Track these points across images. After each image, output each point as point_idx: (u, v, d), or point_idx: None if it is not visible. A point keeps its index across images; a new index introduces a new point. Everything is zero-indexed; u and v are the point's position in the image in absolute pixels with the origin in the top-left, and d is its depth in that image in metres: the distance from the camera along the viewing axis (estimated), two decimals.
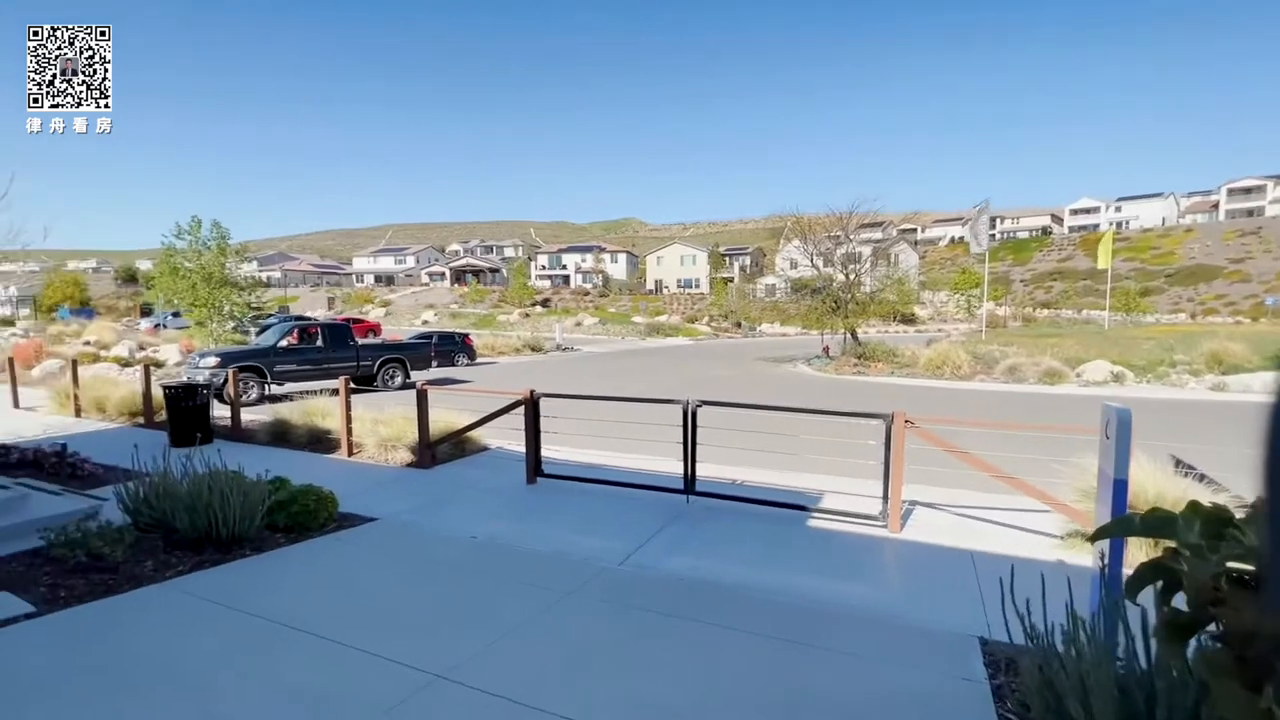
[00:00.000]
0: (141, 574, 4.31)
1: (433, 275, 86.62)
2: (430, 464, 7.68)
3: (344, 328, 15.94)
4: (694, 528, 5.57)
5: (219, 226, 26.43)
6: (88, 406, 11.45)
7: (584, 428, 7.64)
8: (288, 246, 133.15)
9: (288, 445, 8.91)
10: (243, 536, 4.88)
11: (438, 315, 58.69)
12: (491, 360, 26.94)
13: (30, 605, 3.76)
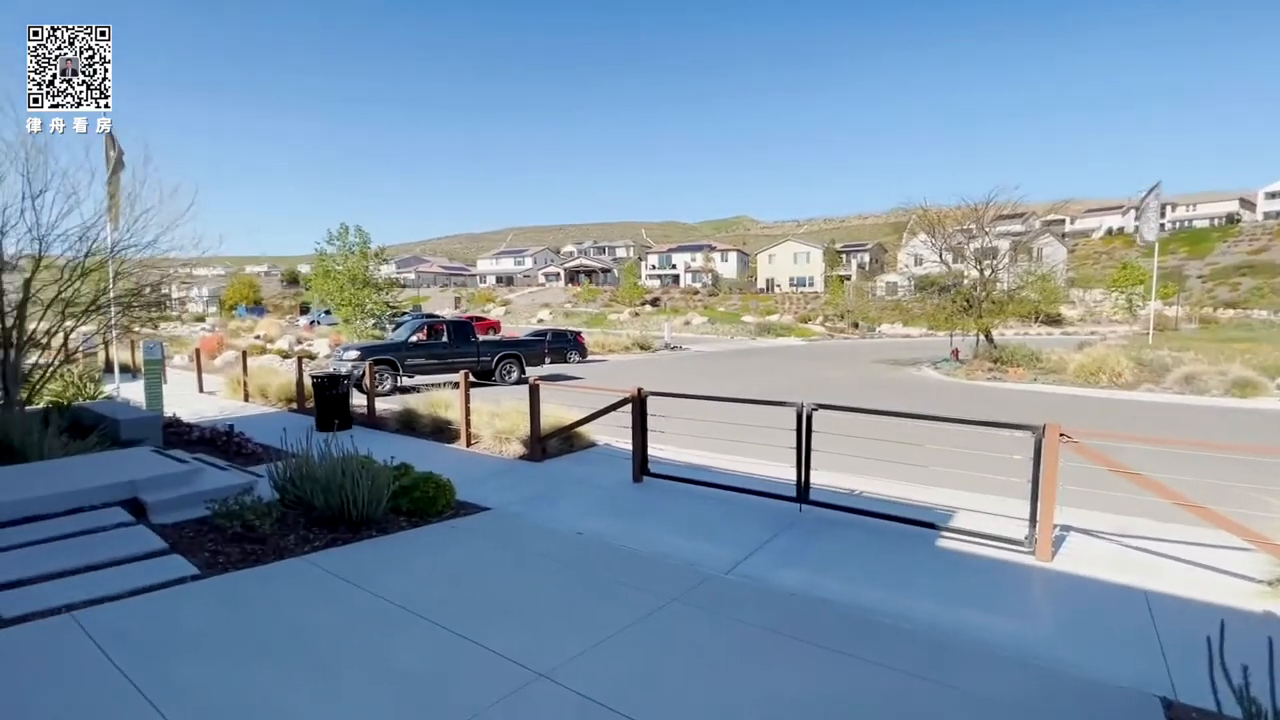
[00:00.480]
0: (285, 546, 4.71)
1: (548, 276, 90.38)
2: (540, 457, 7.87)
3: (466, 325, 16.92)
4: (807, 539, 5.22)
5: (362, 232, 29.08)
6: (254, 392, 12.99)
7: (691, 428, 7.47)
8: (421, 250, 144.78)
9: (414, 433, 9.53)
10: (370, 518, 5.20)
11: (552, 314, 61.12)
12: (602, 358, 27.52)
13: (195, 568, 4.21)
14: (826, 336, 46.61)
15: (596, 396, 7.62)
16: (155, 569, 4.17)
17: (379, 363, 14.74)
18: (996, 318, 22.98)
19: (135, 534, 4.73)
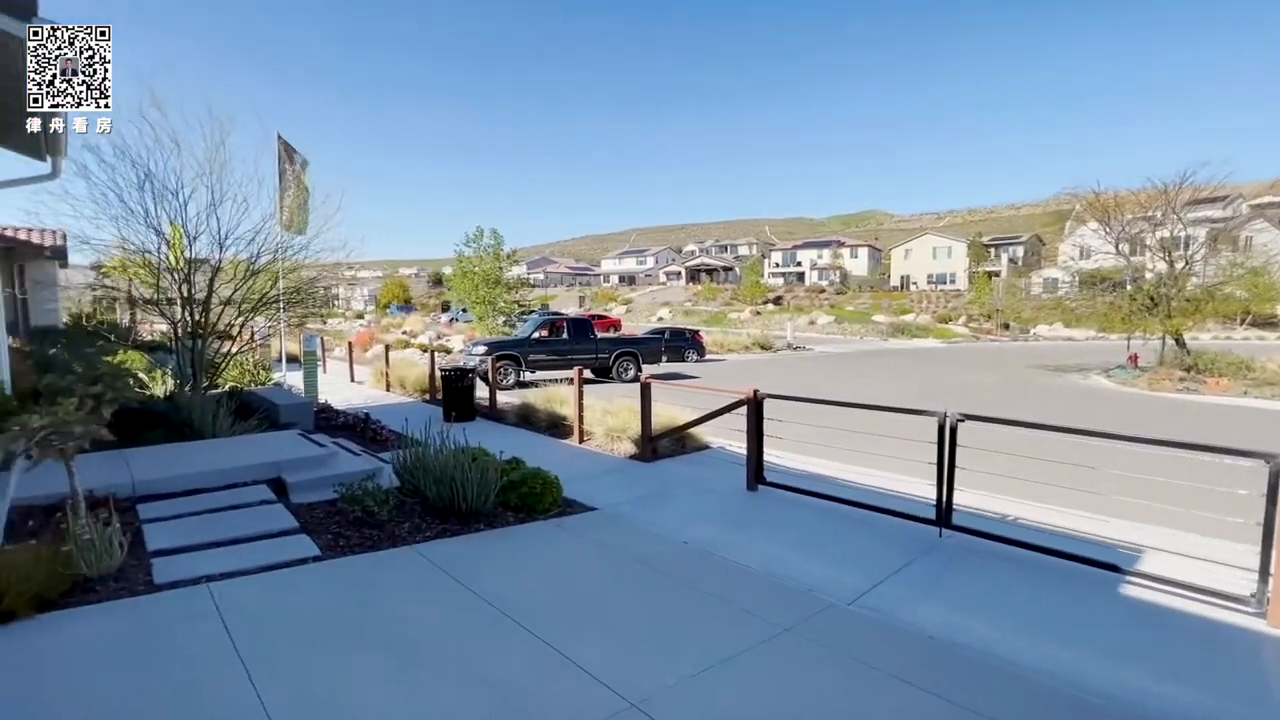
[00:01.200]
0: (399, 534, 4.83)
1: (669, 275, 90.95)
2: (651, 458, 7.64)
3: (586, 323, 17.23)
4: (949, 571, 4.49)
5: (496, 234, 30.83)
6: (394, 383, 14.04)
7: (812, 435, 6.87)
8: (550, 251, 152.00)
9: (530, 427, 9.71)
10: (478, 511, 5.23)
11: (672, 312, 61.34)
12: (720, 357, 26.97)
13: (317, 549, 4.41)
14: (970, 338, 42.50)
15: (711, 397, 7.24)
16: (284, 547, 4.42)
17: (503, 358, 15.40)
18: (1190, 318, 19.47)
19: (274, 512, 5.09)
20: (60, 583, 3.45)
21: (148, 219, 8.72)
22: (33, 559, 3.37)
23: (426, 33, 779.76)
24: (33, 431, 4.06)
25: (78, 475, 4.33)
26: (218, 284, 9.43)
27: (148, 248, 8.83)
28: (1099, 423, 8.85)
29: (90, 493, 4.99)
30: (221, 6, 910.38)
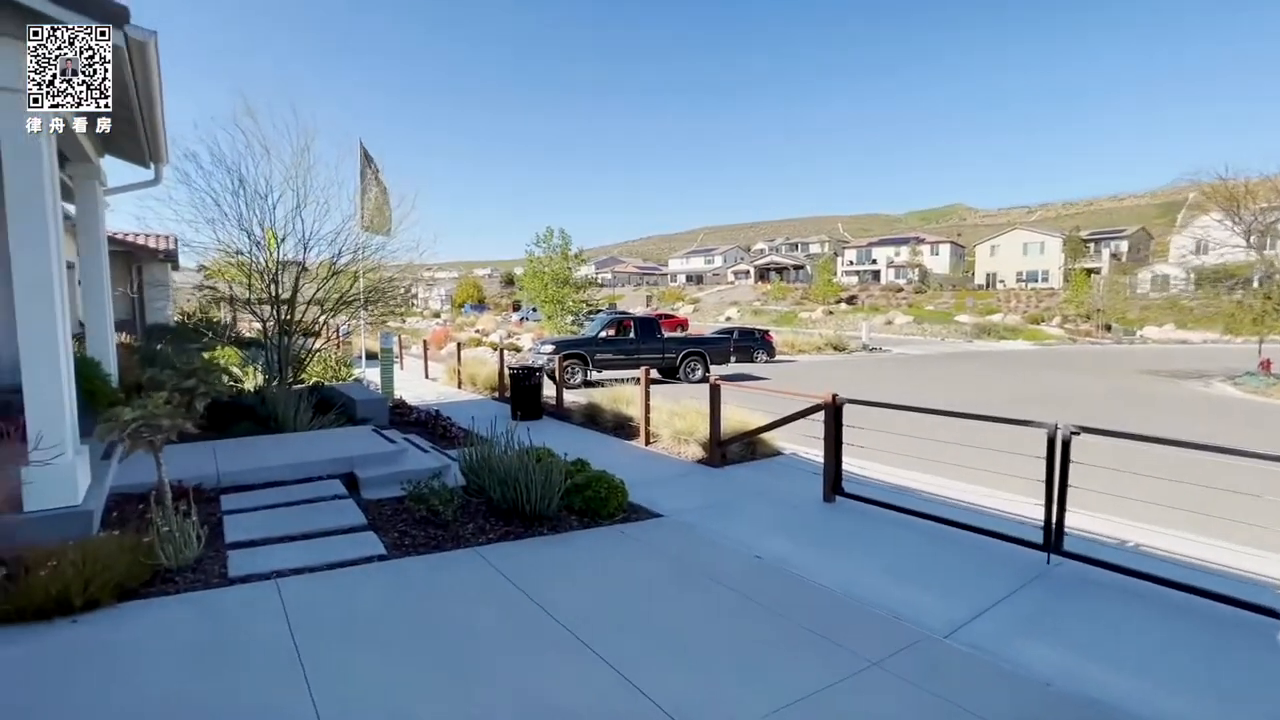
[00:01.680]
0: (462, 534, 4.76)
1: (737, 274, 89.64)
2: (720, 463, 7.32)
3: (653, 322, 17.03)
4: (1062, 604, 3.96)
5: (565, 235, 31.21)
6: (465, 380, 14.34)
7: (896, 444, 6.36)
8: (618, 251, 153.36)
9: (596, 427, 9.58)
10: (541, 514, 5.09)
11: (740, 312, 60.34)
12: (790, 358, 26.16)
13: (383, 548, 4.38)
14: (1066, 340, 39.42)
15: (783, 401, 6.86)
16: (352, 545, 4.42)
17: (571, 357, 15.42)
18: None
19: (345, 508, 5.14)
20: (142, 572, 3.54)
21: (240, 222, 9.20)
22: (117, 548, 3.48)
23: (505, 32, 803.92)
24: (124, 424, 4.23)
25: (165, 466, 4.49)
26: (302, 284, 9.83)
27: (240, 249, 9.31)
28: (1231, 438, 7.81)
29: (179, 483, 5.21)
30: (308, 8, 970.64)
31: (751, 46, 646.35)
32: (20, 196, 3.79)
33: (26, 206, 3.81)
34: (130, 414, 4.27)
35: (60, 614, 3.15)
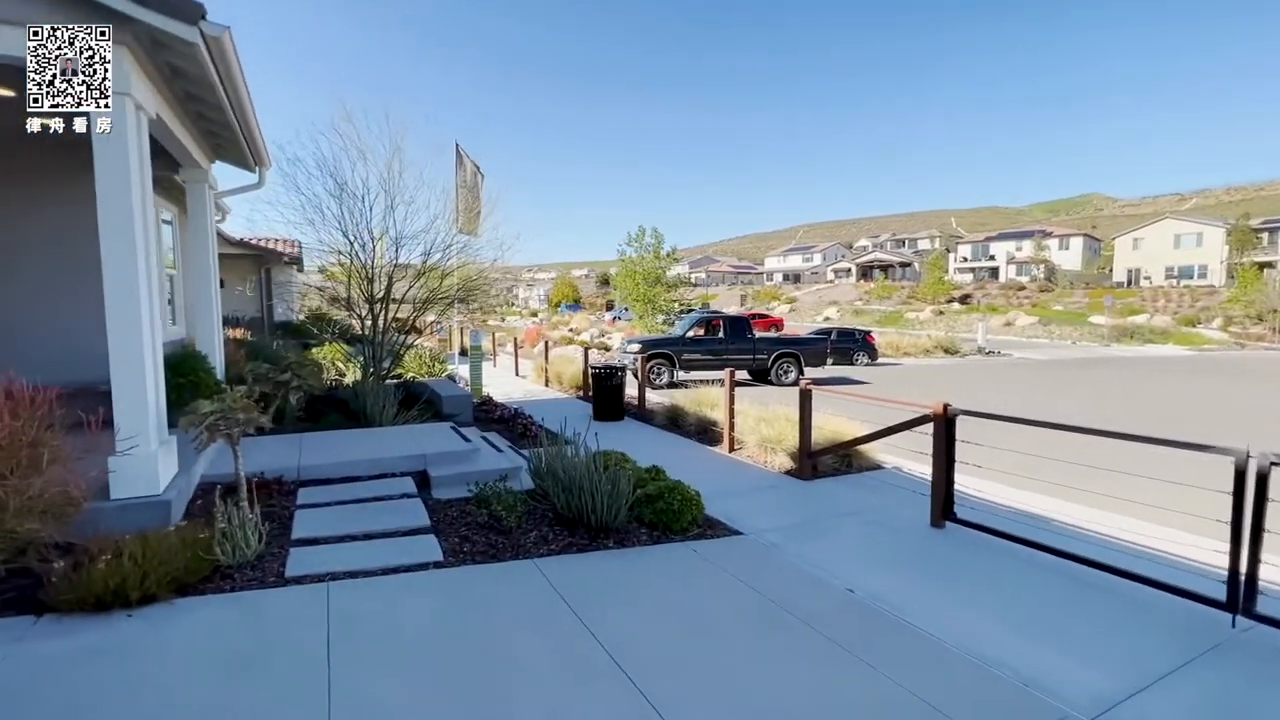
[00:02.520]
0: (523, 544, 4.49)
1: (838, 272, 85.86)
2: (810, 475, 6.65)
3: (743, 321, 16.33)
4: (1259, 690, 3.04)
5: (657, 233, 30.99)
6: (552, 379, 14.37)
7: (1018, 464, 5.44)
8: (713, 250, 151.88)
9: (678, 431, 9.14)
10: (608, 525, 4.73)
11: (840, 312, 57.59)
12: (894, 361, 24.42)
13: (440, 554, 4.19)
14: (1231, 345, 34.19)
15: (885, 410, 6.09)
16: (411, 548, 4.26)
17: (657, 356, 15.08)
18: None
19: (411, 508, 5.04)
20: (201, 568, 3.53)
21: (339, 223, 9.60)
22: (179, 543, 3.47)
23: (597, 30, 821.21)
24: (201, 417, 4.30)
25: (242, 459, 4.54)
26: (394, 282, 10.14)
27: (339, 249, 9.72)
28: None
29: (261, 474, 5.33)
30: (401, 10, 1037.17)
31: (855, 33, 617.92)
32: (109, 201, 3.91)
33: (115, 214, 3.93)
34: (208, 407, 4.35)
35: (119, 606, 3.16)
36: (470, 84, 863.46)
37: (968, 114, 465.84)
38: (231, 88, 4.73)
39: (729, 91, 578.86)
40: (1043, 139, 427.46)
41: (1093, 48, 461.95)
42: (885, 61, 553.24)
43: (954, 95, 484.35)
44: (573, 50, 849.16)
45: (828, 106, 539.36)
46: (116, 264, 3.95)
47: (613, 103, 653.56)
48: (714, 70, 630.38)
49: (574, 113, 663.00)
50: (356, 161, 9.21)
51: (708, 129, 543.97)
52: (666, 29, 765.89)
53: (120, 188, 3.91)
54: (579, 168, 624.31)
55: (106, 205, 3.90)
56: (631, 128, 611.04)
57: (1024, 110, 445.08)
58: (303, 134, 16.28)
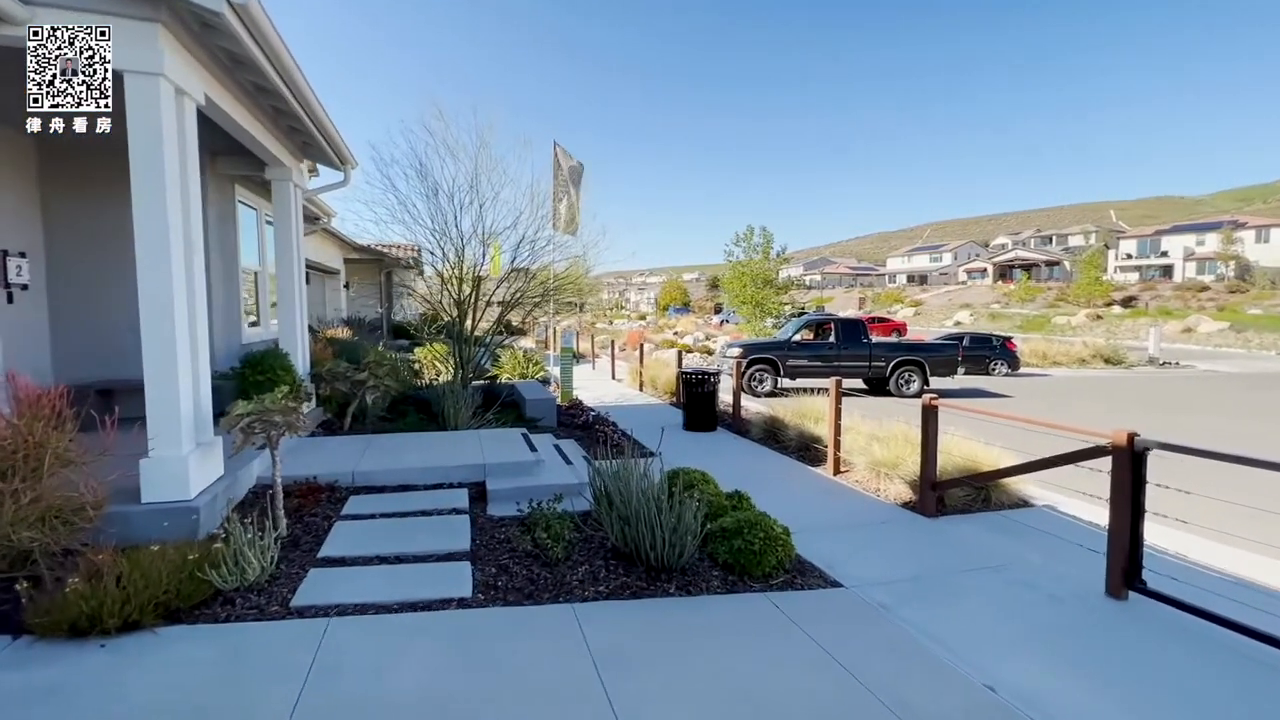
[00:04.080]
0: (568, 581, 3.78)
1: (971, 272, 78.52)
2: (933, 511, 5.41)
3: (858, 324, 14.74)
4: None
5: (766, 233, 29.60)
6: (647, 383, 13.73)
7: (1228, 515, 3.94)
8: (829, 251, 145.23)
9: (776, 446, 8.10)
10: (669, 565, 3.91)
11: (973, 316, 52.32)
12: (1041, 371, 21.37)
13: (470, 588, 3.59)
14: None
15: (1037, 434, 4.75)
16: (440, 578, 3.70)
17: (760, 362, 13.97)
18: None
19: (456, 526, 4.51)
20: (199, 590, 3.15)
21: (427, 224, 9.55)
22: (178, 561, 3.12)
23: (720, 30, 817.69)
24: (236, 419, 4.02)
25: (280, 464, 4.24)
26: (482, 281, 9.95)
27: (430, 249, 9.68)
28: None
29: (313, 479, 5.07)
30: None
31: (997, 17, 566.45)
32: (142, 183, 3.71)
33: (148, 196, 3.73)
34: (245, 408, 4.06)
35: (97, 633, 2.82)
36: (581, 93, 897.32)
37: (1128, 99, 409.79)
38: (279, 64, 4.48)
39: (853, 90, 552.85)
40: (1228, 119, 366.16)
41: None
42: (1022, 50, 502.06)
43: (1111, 81, 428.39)
44: (678, 55, 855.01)
45: (959, 98, 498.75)
46: (148, 249, 3.75)
47: (731, 107, 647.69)
48: (837, 69, 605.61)
49: (688, 119, 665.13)
50: (445, 159, 9.08)
51: (826, 128, 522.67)
52: (788, 29, 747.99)
53: (153, 170, 3.70)
54: (688, 171, 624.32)
55: (140, 187, 3.71)
56: (747, 130, 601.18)
57: (1200, 91, 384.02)
58: (394, 133, 16.89)
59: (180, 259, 3.91)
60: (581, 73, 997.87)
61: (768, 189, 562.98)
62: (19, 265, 5.68)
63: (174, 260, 3.82)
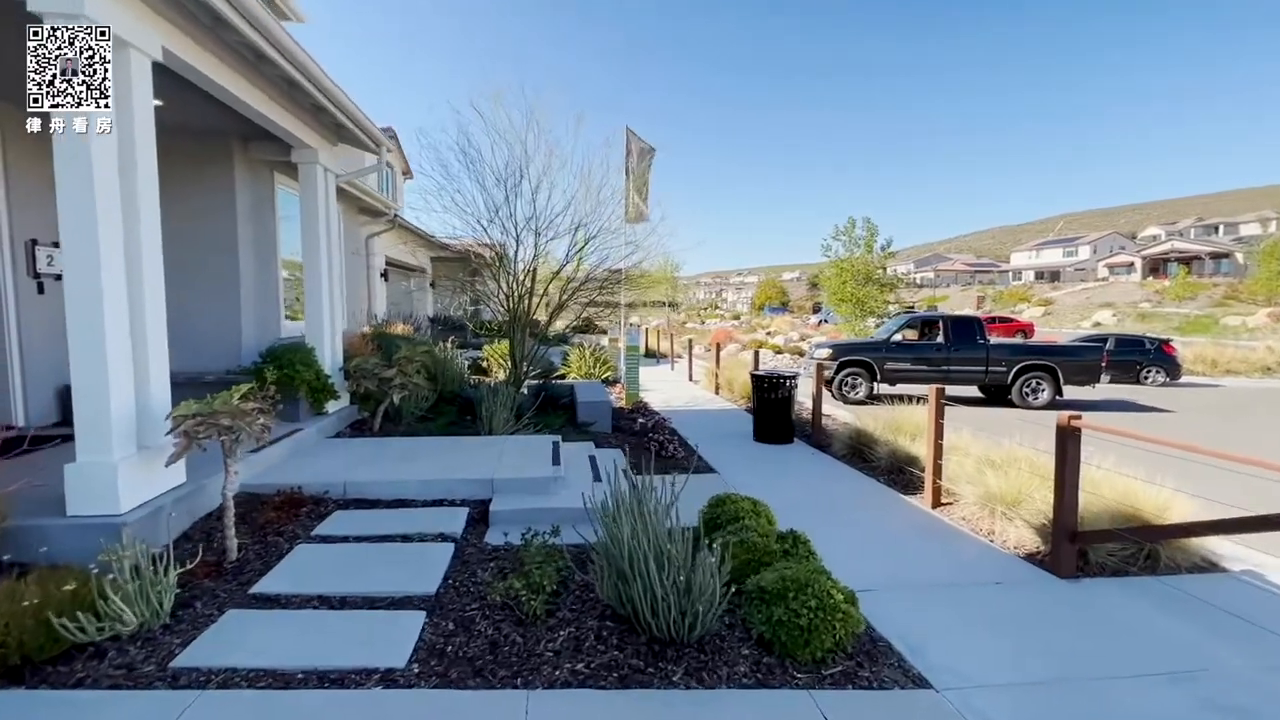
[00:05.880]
0: (538, 654, 2.83)
1: (1114, 267, 69.46)
2: (1072, 571, 3.96)
3: (972, 322, 12.68)
4: None
5: (870, 225, 27.22)
6: (723, 386, 12.55)
7: None
8: (944, 248, 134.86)
9: (861, 465, 6.73)
10: (679, 637, 2.87)
11: (1117, 316, 45.93)
12: (1209, 381, 17.84)
13: (405, 657, 2.73)
14: None
15: (1220, 469, 3.21)
16: (378, 636, 2.89)
17: (853, 364, 12.36)
18: None
19: (432, 559, 3.71)
20: (50, 643, 2.49)
21: (493, 218, 8.99)
22: (39, 599, 2.49)
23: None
24: (179, 419, 3.44)
25: (234, 476, 3.62)
26: (538, 276, 9.28)
27: (483, 242, 9.14)
28: None
29: (297, 489, 4.48)
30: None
31: None
32: (62, 162, 3.20)
33: (71, 179, 3.23)
34: (188, 408, 3.47)
35: None
36: (668, 90, 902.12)
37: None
38: (248, 14, 3.88)
39: (974, 77, 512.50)
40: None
41: None
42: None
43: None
44: (778, 48, 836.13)
45: (1107, 77, 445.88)
46: (71, 226, 3.24)
47: (858, 102, 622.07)
48: (956, 56, 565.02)
49: (800, 113, 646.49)
50: (497, 145, 8.47)
51: (938, 118, 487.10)
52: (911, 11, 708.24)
53: (81, 181, 3.22)
54: (787, 170, 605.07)
55: (59, 150, 3.19)
56: (851, 124, 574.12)
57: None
58: (446, 120, 16.60)
59: (113, 234, 3.38)
60: (690, 71, 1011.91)
61: (875, 184, 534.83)
62: (49, 255, 5.57)
63: (102, 234, 3.28)
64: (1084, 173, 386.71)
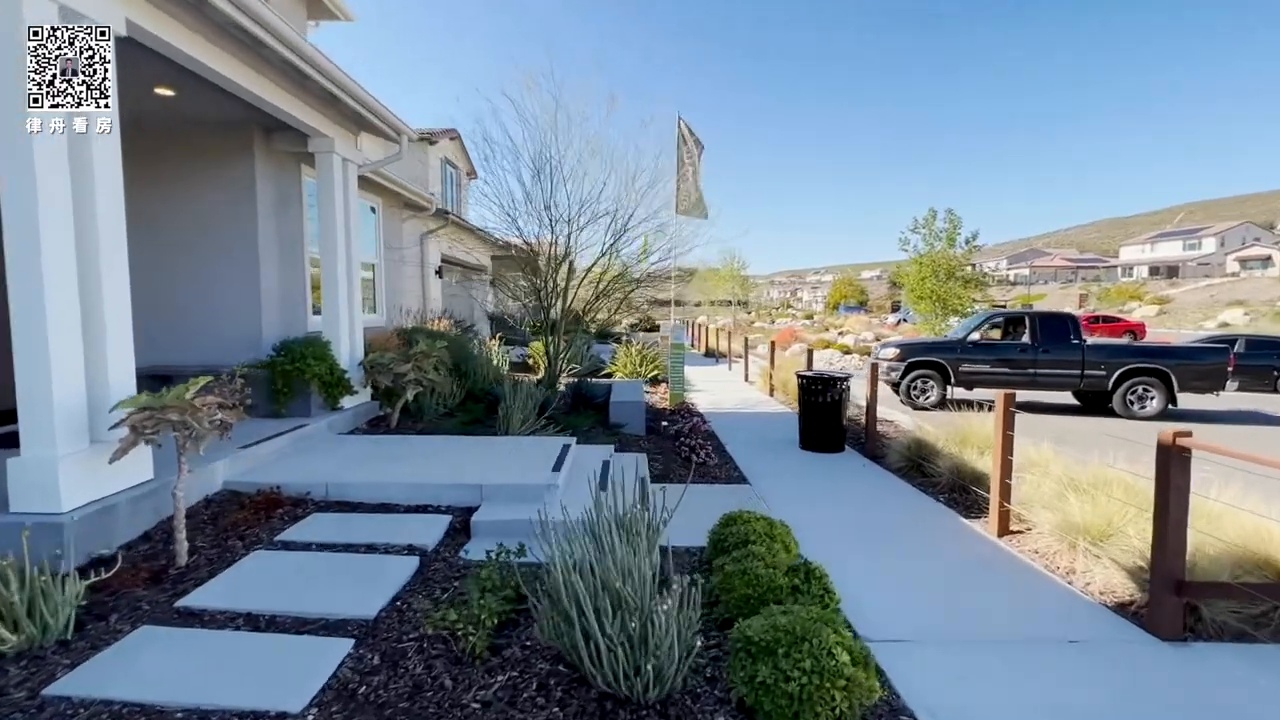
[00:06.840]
0: (461, 706, 2.35)
1: (1247, 261, 61.81)
2: (1177, 632, 3.07)
3: (1065, 319, 11.18)
4: None
5: (952, 216, 25.25)
6: (778, 387, 11.74)
7: None
8: (1041, 243, 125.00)
9: (919, 480, 5.87)
10: (638, 698, 2.31)
11: (1248, 315, 40.62)
12: None
13: (304, 699, 2.32)
14: None
15: None
16: (288, 669, 2.51)
17: (923, 365, 11.21)
18: None
19: (389, 574, 3.32)
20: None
21: (526, 212, 8.70)
22: None
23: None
24: (125, 413, 3.22)
25: (185, 475, 3.38)
26: (574, 272, 8.90)
27: (513, 237, 8.85)
28: None
29: (276, 488, 4.24)
30: None
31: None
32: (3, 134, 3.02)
33: (10, 153, 3.04)
34: (135, 401, 3.25)
35: None
36: (730, 86, 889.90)
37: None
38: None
39: (1081, 61, 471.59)
40: None
41: None
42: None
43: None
44: (851, 40, 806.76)
45: (1223, 68, 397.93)
46: (12, 202, 3.06)
47: (966, 94, 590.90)
48: (1058, 40, 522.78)
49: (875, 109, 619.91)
50: (526, 130, 8.15)
51: (1031, 109, 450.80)
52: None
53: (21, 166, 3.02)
54: (868, 165, 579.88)
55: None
56: (941, 116, 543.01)
57: None
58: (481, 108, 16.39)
59: (58, 211, 3.18)
60: (766, 72, 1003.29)
61: (966, 176, 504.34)
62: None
63: (42, 210, 3.09)
64: (1215, 157, 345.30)
